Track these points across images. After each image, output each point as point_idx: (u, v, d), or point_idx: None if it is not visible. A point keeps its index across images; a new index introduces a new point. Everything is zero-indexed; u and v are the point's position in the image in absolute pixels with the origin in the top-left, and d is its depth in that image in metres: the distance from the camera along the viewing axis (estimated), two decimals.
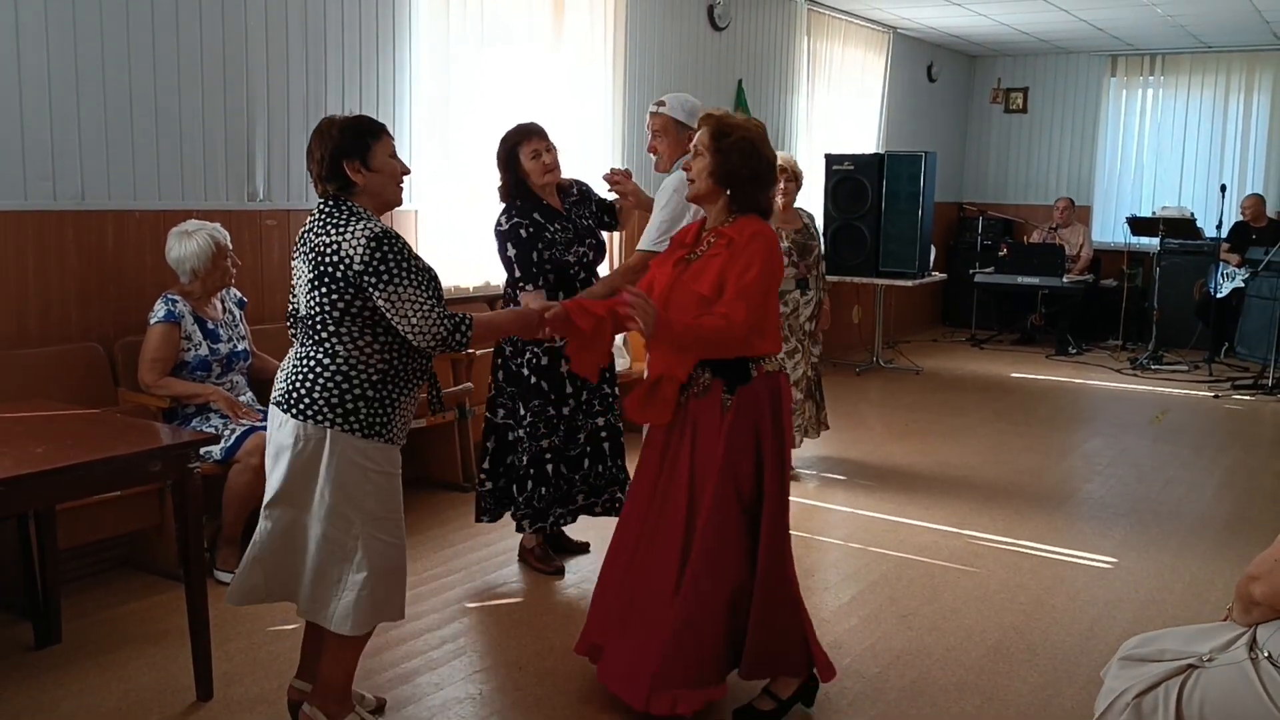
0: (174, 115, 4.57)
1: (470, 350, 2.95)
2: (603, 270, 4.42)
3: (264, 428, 4.18)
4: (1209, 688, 2.12)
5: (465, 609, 4.00)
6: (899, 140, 10.50)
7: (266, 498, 2.96)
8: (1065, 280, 10.22)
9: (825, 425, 5.97)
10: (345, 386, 2.80)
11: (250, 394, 4.46)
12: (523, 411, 4.18)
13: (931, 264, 9.42)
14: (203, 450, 3.83)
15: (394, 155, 2.91)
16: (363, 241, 2.73)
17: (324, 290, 2.78)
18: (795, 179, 5.62)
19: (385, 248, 2.73)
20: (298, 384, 2.83)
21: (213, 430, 4.12)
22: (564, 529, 4.52)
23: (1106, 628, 3.96)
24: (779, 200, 5.43)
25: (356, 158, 2.82)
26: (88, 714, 3.18)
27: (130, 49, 4.40)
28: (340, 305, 2.77)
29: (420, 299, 2.76)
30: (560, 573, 4.38)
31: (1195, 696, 2.12)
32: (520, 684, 3.43)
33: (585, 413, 4.30)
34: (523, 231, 4.05)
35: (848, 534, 4.97)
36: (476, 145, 5.93)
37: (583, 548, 4.61)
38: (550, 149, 4.14)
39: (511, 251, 4.06)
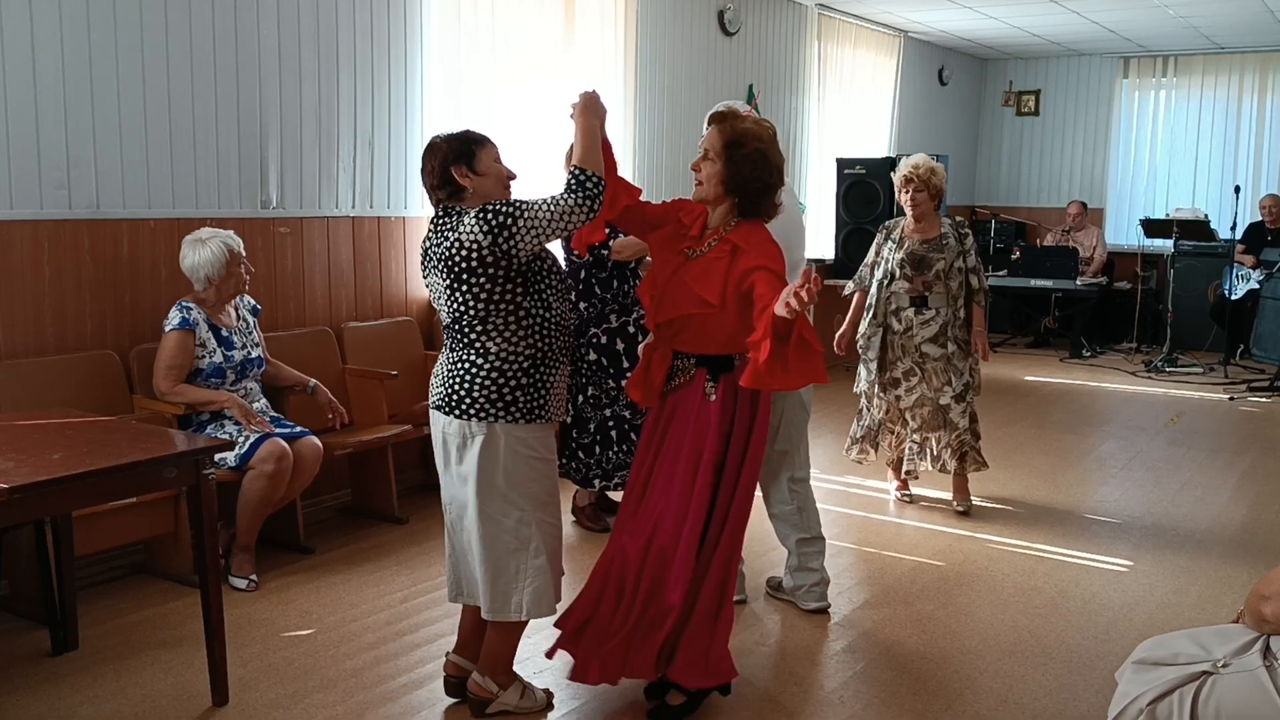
0: (187, 124, 4.60)
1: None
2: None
3: (277, 436, 4.22)
4: (1224, 694, 2.11)
5: None
6: (910, 143, 10.48)
7: (445, 500, 3.17)
8: (1079, 283, 10.19)
9: (962, 462, 5.21)
10: (501, 380, 2.98)
11: (264, 400, 4.48)
12: (589, 388, 4.78)
13: None
14: (217, 457, 3.84)
15: (498, 160, 3.08)
16: (474, 221, 2.91)
17: (464, 290, 2.94)
18: (925, 187, 5.09)
19: (489, 210, 2.92)
20: (455, 386, 3.01)
21: (227, 437, 4.14)
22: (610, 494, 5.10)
23: (1122, 630, 3.94)
24: (908, 211, 5.15)
25: (463, 163, 3.00)
26: None
27: (144, 58, 4.43)
28: (482, 299, 2.94)
29: (544, 207, 2.91)
30: (608, 529, 4.72)
31: (1210, 703, 2.10)
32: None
33: (598, 405, 4.80)
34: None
35: (862, 538, 4.96)
36: None
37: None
38: None
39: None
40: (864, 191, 8.67)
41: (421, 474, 5.57)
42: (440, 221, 3.03)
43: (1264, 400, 8.37)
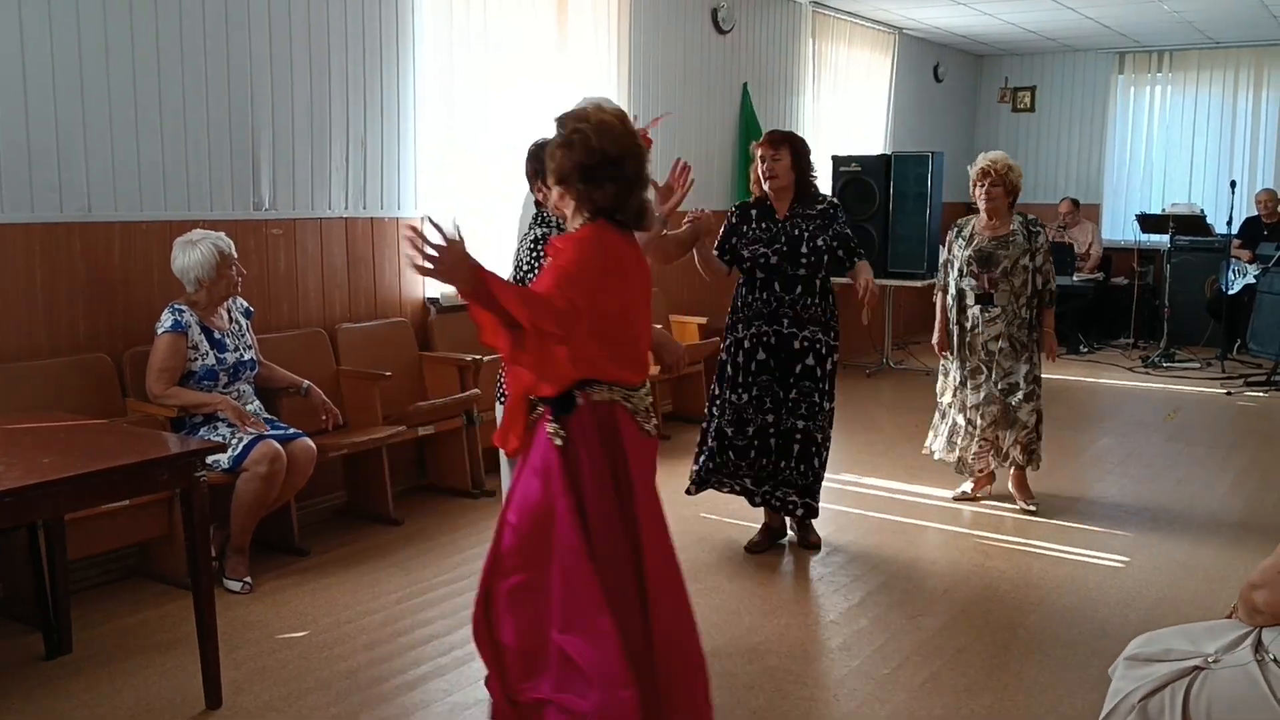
0: (179, 126, 4.58)
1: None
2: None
3: (271, 437, 4.21)
4: (1215, 690, 2.10)
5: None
6: (906, 141, 10.48)
7: None
8: (1076, 279, 10.18)
9: (1029, 458, 5.21)
10: None
11: (257, 403, 4.47)
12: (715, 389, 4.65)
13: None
14: (210, 459, 3.83)
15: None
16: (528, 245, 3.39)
17: None
18: (1001, 182, 4.98)
19: (539, 248, 3.29)
20: None
21: (220, 439, 4.13)
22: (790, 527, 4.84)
23: (1118, 627, 3.93)
24: (981, 205, 5.05)
25: (541, 179, 3.19)
26: None
27: (135, 60, 4.41)
28: None
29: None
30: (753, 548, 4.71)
31: (1202, 699, 2.10)
32: None
33: (760, 408, 4.51)
34: (732, 218, 4.61)
35: (857, 536, 4.95)
36: (481, 150, 5.95)
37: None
38: (776, 158, 4.45)
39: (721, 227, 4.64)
40: (860, 189, 8.66)
41: (416, 475, 5.56)
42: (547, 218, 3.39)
43: (1261, 395, 8.36)
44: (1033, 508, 5.28)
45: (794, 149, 4.48)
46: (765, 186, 4.50)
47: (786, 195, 4.51)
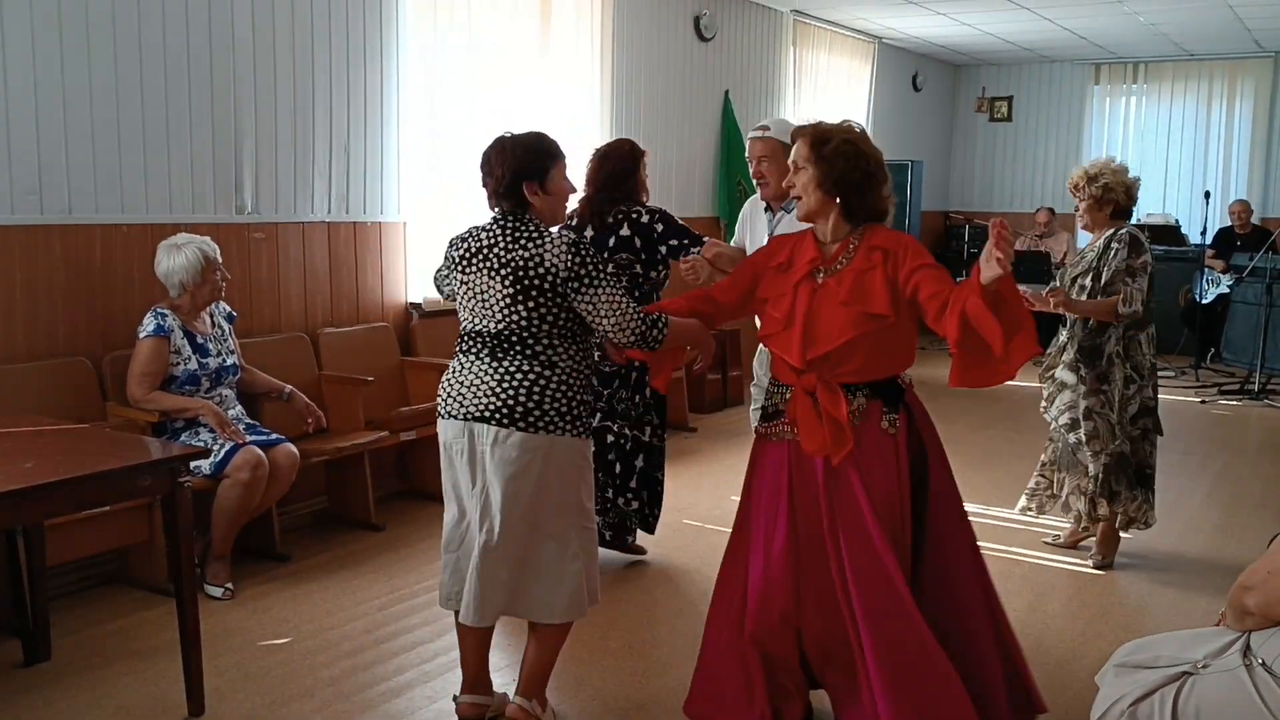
0: (161, 128, 4.55)
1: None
2: None
3: (253, 443, 4.18)
4: (1204, 695, 2.12)
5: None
6: (885, 149, 10.30)
7: (471, 514, 3.07)
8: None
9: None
10: (569, 394, 2.94)
11: (239, 408, 4.43)
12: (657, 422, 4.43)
13: None
14: (192, 465, 3.79)
15: (566, 175, 3.03)
16: (564, 249, 2.87)
17: (531, 304, 2.89)
18: (1085, 195, 4.71)
19: (583, 253, 2.90)
20: (521, 397, 2.89)
21: (202, 445, 4.09)
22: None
23: (1099, 633, 3.96)
24: (1081, 223, 4.79)
25: (536, 180, 2.95)
26: None
27: (117, 62, 4.38)
28: (549, 317, 2.91)
29: (617, 297, 2.91)
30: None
31: (1190, 704, 2.12)
32: (513, 695, 3.41)
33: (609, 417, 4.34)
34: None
35: None
36: (464, 156, 5.93)
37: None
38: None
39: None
40: None
41: (398, 480, 5.53)
42: (511, 228, 2.93)
43: (1235, 404, 8.45)
44: (1092, 562, 4.72)
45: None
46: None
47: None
